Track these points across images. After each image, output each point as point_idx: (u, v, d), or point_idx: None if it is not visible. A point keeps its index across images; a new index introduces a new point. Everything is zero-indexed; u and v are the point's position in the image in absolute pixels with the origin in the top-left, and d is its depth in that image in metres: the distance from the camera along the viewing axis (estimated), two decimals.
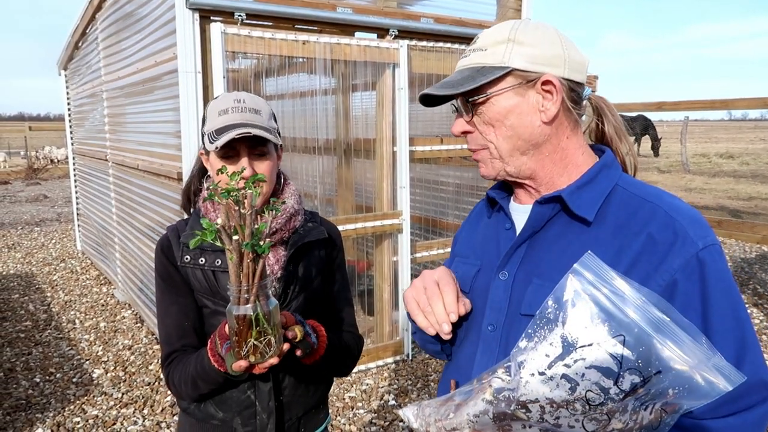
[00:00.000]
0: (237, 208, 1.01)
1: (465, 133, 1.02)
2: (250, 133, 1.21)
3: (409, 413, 0.92)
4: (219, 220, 0.99)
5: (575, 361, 0.75)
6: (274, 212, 1.10)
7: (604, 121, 1.06)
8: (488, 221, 1.12)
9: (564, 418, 0.76)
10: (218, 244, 1.00)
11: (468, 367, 1.02)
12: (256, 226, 1.01)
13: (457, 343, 1.07)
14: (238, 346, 1.04)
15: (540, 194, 1.01)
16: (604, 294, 0.77)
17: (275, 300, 1.06)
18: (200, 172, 1.43)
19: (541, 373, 0.76)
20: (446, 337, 0.95)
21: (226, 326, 1.11)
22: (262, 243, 1.01)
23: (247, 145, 1.26)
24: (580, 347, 0.76)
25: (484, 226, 1.13)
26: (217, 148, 1.20)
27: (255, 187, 1.04)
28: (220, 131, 1.23)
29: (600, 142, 1.07)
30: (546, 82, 0.93)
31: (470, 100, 0.96)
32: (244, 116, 1.26)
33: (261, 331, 1.03)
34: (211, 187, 1.04)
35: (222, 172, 1.13)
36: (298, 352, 1.17)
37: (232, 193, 1.01)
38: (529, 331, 0.80)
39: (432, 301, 0.96)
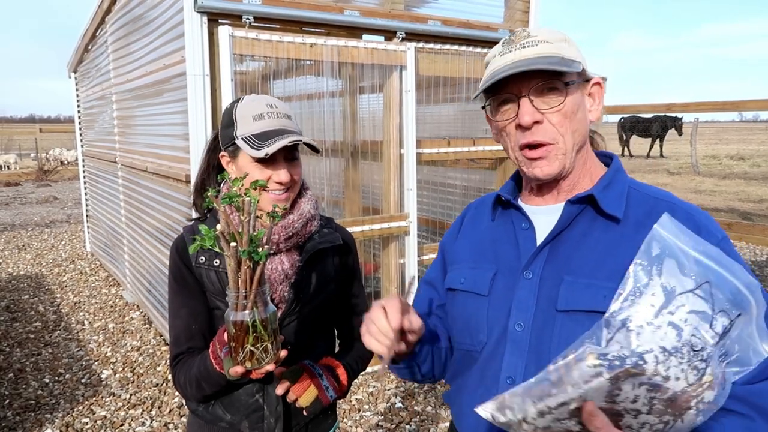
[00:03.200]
0: (238, 214, 1.01)
1: (534, 123, 0.97)
2: (300, 140, 1.22)
3: (490, 409, 0.87)
4: (218, 226, 0.99)
5: (677, 308, 0.80)
6: (275, 219, 1.09)
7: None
8: (492, 224, 1.12)
9: (673, 369, 0.78)
10: (217, 249, 1.01)
11: (495, 369, 1.02)
12: (254, 233, 1.01)
13: (478, 348, 1.06)
14: (235, 352, 1.04)
15: (561, 194, 1.03)
16: (684, 248, 0.84)
17: (273, 307, 1.06)
18: (214, 172, 1.41)
19: (649, 323, 0.80)
20: (384, 352, 0.93)
21: (225, 332, 1.11)
22: (260, 250, 1.00)
23: (284, 151, 1.26)
24: (678, 294, 0.81)
25: (489, 229, 1.12)
26: (267, 155, 1.20)
27: (255, 192, 1.05)
28: (262, 137, 1.23)
29: None
30: (596, 84, 1.00)
31: (568, 84, 0.95)
32: (281, 122, 1.27)
33: (258, 337, 1.03)
34: (211, 194, 1.04)
35: (224, 179, 1.13)
36: (305, 413, 1.24)
37: (233, 199, 1.01)
38: (620, 291, 0.83)
39: (376, 321, 0.95)
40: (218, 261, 1.30)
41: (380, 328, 0.94)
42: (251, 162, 1.26)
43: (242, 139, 1.25)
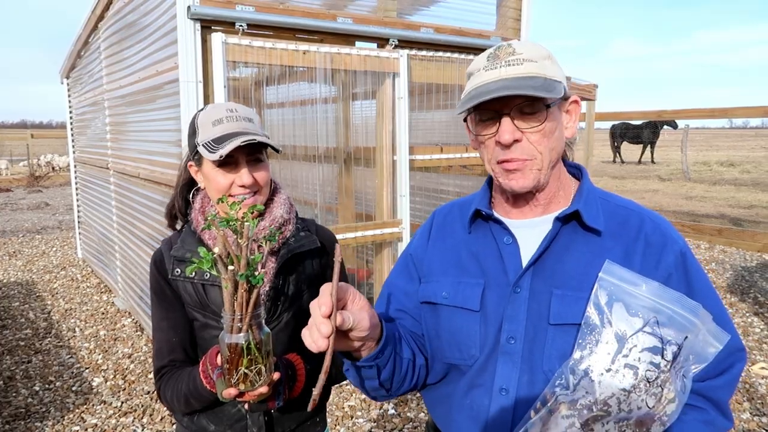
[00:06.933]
0: (235, 237, 1.01)
1: (514, 141, 0.99)
2: (254, 139, 1.22)
3: None
4: (216, 249, 0.99)
5: (630, 350, 0.89)
6: (271, 242, 1.10)
7: None
8: (469, 236, 1.12)
9: (634, 402, 0.88)
10: (214, 273, 1.01)
11: (487, 381, 1.03)
12: (251, 257, 1.02)
13: (470, 363, 1.06)
14: (228, 374, 1.04)
15: (537, 207, 1.06)
16: (629, 290, 0.93)
17: (268, 329, 1.07)
18: (185, 188, 1.41)
19: (608, 370, 0.89)
20: (321, 344, 0.84)
21: (218, 354, 1.11)
22: (256, 273, 1.01)
23: (245, 153, 1.27)
24: (629, 337, 0.90)
25: (465, 242, 1.12)
26: (221, 156, 1.20)
27: (253, 217, 1.05)
28: (219, 140, 1.23)
29: None
30: (574, 102, 1.03)
31: (549, 106, 0.98)
32: (240, 125, 1.27)
33: (252, 359, 1.03)
34: (210, 217, 1.04)
35: (222, 201, 1.13)
36: (246, 406, 1.21)
37: (230, 223, 1.01)
38: (580, 341, 0.92)
39: (312, 314, 0.87)
40: (193, 273, 1.30)
41: (314, 322, 0.86)
42: (214, 168, 1.26)
43: (202, 144, 1.26)
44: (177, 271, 1.31)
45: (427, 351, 1.15)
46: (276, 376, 1.10)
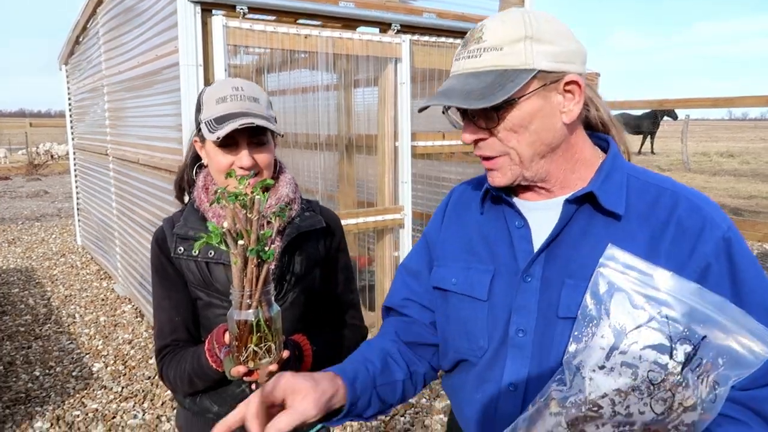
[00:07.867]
0: (244, 212, 0.99)
1: (478, 140, 0.93)
2: (253, 123, 1.19)
3: None
4: (225, 224, 0.97)
5: (629, 346, 0.79)
6: (281, 218, 1.07)
7: (599, 107, 1.02)
8: (481, 218, 1.04)
9: (634, 405, 0.78)
10: (223, 247, 0.98)
11: (497, 375, 0.96)
12: (261, 232, 0.99)
13: (478, 354, 1.00)
14: (237, 351, 1.02)
15: (552, 190, 0.96)
16: (635, 278, 0.82)
17: (277, 306, 1.04)
18: (193, 161, 1.40)
19: (602, 367, 0.79)
20: None
21: (225, 332, 1.09)
22: (267, 249, 0.99)
23: (246, 135, 1.24)
24: (630, 332, 0.79)
25: (477, 224, 1.05)
26: (218, 138, 1.18)
27: (263, 192, 1.02)
28: (220, 120, 1.21)
29: (588, 128, 1.02)
30: (570, 82, 0.89)
31: (496, 108, 0.87)
32: (244, 105, 1.24)
33: (261, 336, 1.01)
34: (219, 191, 1.02)
35: (230, 176, 1.11)
36: (252, 386, 1.19)
37: (239, 197, 0.99)
38: (576, 333, 0.83)
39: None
40: (197, 251, 1.27)
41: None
42: (215, 147, 1.24)
43: (204, 123, 1.24)
44: (180, 250, 1.29)
45: (438, 337, 1.10)
46: (285, 354, 1.08)
